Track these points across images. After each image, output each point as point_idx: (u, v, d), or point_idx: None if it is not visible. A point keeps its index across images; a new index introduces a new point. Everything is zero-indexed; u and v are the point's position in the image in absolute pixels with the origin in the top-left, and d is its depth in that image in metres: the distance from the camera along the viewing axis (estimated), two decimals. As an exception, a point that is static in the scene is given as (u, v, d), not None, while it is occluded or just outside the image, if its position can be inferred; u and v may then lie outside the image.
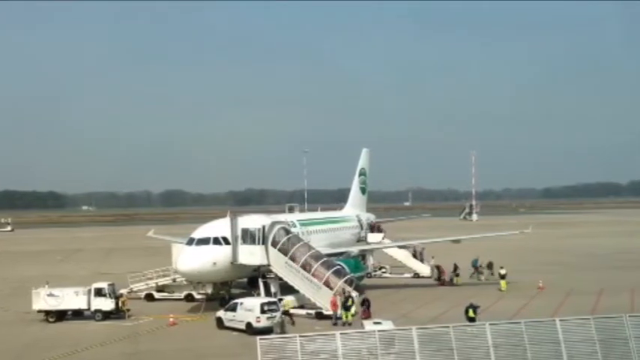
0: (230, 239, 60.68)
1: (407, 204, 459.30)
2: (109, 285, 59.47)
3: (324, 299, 57.41)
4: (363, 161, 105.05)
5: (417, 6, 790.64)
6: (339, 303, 55.40)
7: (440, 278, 76.07)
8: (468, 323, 43.64)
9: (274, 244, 60.86)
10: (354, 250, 79.68)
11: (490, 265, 77.72)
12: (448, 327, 35.98)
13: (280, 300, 57.82)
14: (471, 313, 49.97)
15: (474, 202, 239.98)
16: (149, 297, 67.95)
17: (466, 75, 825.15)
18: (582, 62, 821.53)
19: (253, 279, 64.85)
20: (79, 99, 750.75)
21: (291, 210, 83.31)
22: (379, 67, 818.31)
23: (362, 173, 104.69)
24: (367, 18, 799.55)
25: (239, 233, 60.94)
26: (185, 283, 66.54)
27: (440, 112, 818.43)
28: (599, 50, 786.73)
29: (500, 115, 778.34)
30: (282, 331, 47.37)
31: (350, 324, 52.68)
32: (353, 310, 55.63)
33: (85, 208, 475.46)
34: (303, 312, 58.39)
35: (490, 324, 36.69)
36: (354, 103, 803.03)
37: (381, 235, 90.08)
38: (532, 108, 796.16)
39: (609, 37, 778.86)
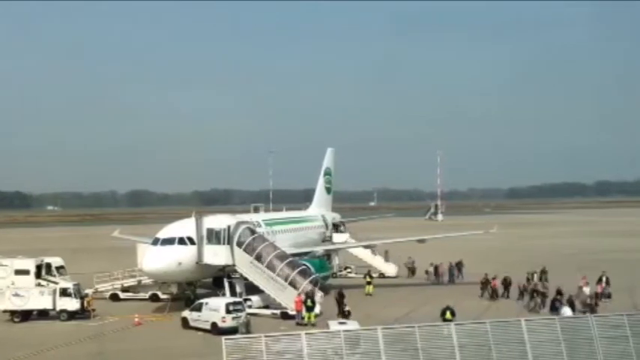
0: (195, 239, 61.01)
1: (372, 204, 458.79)
2: (75, 285, 59.61)
3: (289, 299, 57.83)
4: (328, 161, 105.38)
5: (383, 6, 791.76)
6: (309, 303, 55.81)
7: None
8: (433, 323, 43.91)
9: (239, 244, 61.21)
10: (319, 249, 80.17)
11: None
12: (413, 327, 36.11)
13: (246, 300, 58.38)
14: (448, 315, 49.90)
15: (439, 202, 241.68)
16: (114, 297, 68.01)
17: (432, 75, 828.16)
18: (548, 63, 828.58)
19: (218, 279, 65.16)
20: (44, 98, 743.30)
21: (256, 210, 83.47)
22: (345, 66, 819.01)
23: (327, 173, 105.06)
24: (332, 18, 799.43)
25: (204, 233, 61.29)
26: (151, 283, 66.83)
27: (406, 112, 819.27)
28: (565, 52, 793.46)
29: (466, 115, 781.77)
30: (248, 331, 47.73)
31: (313, 325, 53.04)
32: (317, 309, 56.30)
33: (50, 208, 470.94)
34: (268, 312, 58.92)
35: (455, 324, 37.22)
36: (320, 103, 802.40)
37: (346, 235, 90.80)
38: (498, 108, 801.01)
39: (577, 38, 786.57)
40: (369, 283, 69.96)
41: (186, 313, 54.58)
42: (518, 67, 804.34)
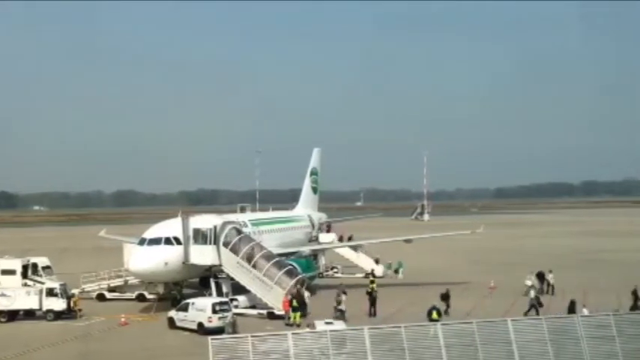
0: (182, 239, 60.95)
1: (358, 204, 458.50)
2: (61, 285, 59.54)
3: (275, 299, 57.90)
4: (314, 161, 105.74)
5: (370, 6, 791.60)
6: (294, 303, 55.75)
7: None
8: (419, 323, 43.93)
9: (226, 244, 61.22)
10: (306, 249, 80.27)
11: None
12: (400, 327, 36.13)
13: (232, 300, 58.38)
14: (434, 315, 49.99)
15: (425, 202, 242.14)
16: (101, 297, 67.89)
17: (420, 75, 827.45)
18: (536, 64, 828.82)
19: (205, 279, 65.12)
20: (30, 98, 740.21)
21: (242, 210, 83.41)
22: (332, 67, 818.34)
23: (313, 173, 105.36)
24: (318, 18, 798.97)
25: (191, 233, 61.25)
26: (137, 283, 66.75)
27: (393, 112, 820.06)
28: (552, 53, 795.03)
29: (452, 116, 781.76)
30: (234, 331, 47.68)
31: (299, 325, 52.89)
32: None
33: (36, 208, 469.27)
34: (254, 312, 58.93)
35: (442, 324, 37.35)
36: (307, 103, 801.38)
37: (333, 234, 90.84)
38: (485, 108, 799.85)
39: (564, 40, 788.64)
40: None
41: (172, 313, 54.52)
42: (506, 68, 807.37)
